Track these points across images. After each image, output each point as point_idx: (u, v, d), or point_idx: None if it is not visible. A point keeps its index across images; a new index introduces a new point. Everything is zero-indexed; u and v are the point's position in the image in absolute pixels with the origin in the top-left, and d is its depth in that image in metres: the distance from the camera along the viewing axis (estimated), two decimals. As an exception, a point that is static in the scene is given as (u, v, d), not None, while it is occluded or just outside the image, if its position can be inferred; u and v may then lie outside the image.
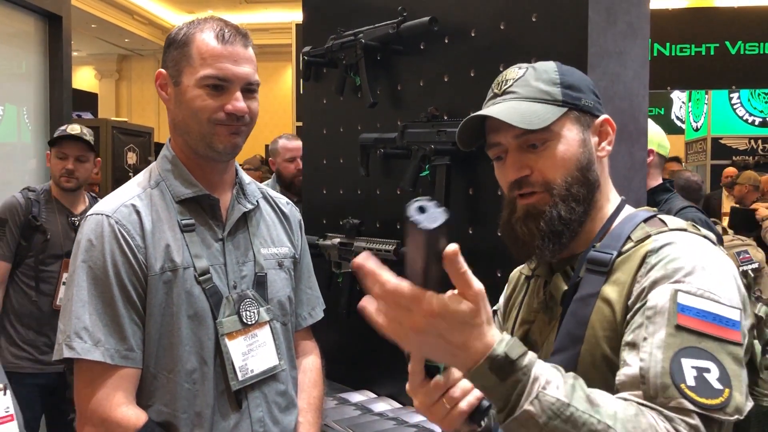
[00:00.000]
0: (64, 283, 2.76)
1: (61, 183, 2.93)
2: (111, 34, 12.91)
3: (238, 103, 1.32)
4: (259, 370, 1.39)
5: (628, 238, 1.01)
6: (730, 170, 7.21)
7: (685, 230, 0.99)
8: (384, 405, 2.16)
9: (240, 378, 1.35)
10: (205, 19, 1.38)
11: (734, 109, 9.53)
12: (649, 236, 0.99)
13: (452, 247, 0.75)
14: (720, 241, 2.85)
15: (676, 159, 7.36)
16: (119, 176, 7.60)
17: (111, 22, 12.12)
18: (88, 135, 2.99)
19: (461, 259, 0.77)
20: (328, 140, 2.46)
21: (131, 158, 8.82)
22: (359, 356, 2.30)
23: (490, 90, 1.11)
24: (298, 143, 3.56)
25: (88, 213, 1.35)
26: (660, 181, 2.77)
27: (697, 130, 9.96)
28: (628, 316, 0.93)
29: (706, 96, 9.41)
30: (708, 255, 0.94)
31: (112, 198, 1.37)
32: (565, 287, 1.06)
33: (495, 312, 1.23)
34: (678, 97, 10.73)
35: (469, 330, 0.77)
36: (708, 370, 0.83)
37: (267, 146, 12.40)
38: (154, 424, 1.28)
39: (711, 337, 0.85)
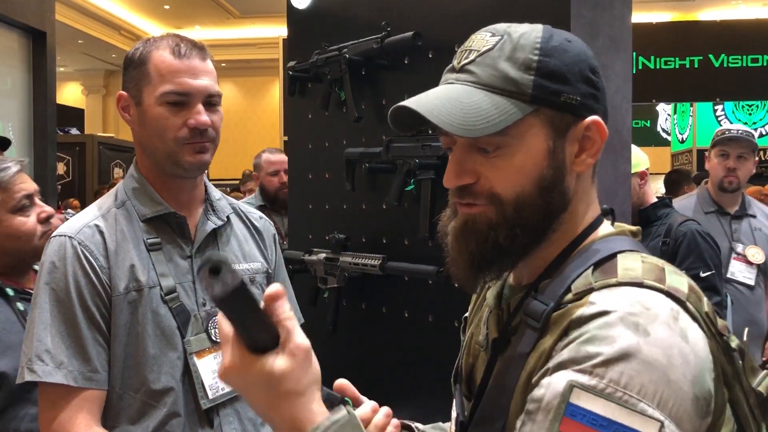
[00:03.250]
0: None
1: None
2: (98, 49, 12.89)
3: (201, 116, 1.31)
4: (230, 388, 1.37)
5: (569, 288, 0.78)
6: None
7: (640, 284, 0.74)
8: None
9: (210, 396, 1.33)
10: (160, 36, 1.39)
11: (719, 121, 9.63)
12: (590, 291, 0.75)
13: (274, 288, 0.68)
14: (718, 257, 2.83)
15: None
16: (104, 192, 7.58)
17: (98, 38, 12.10)
18: None
19: (283, 305, 0.68)
20: (313, 155, 2.45)
21: (117, 173, 8.80)
22: (346, 372, 2.27)
23: (453, 58, 0.88)
24: (281, 157, 3.53)
25: (52, 235, 1.34)
26: (654, 198, 2.83)
27: (682, 142, 10.05)
28: (528, 396, 0.73)
29: (691, 108, 9.51)
30: (651, 333, 0.68)
31: (76, 219, 1.36)
32: (495, 335, 0.87)
33: (466, 319, 1.10)
34: (663, 109, 10.82)
35: (272, 397, 0.69)
36: None
37: (255, 161, 12.42)
38: None
39: None
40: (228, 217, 1.48)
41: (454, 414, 0.94)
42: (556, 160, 0.81)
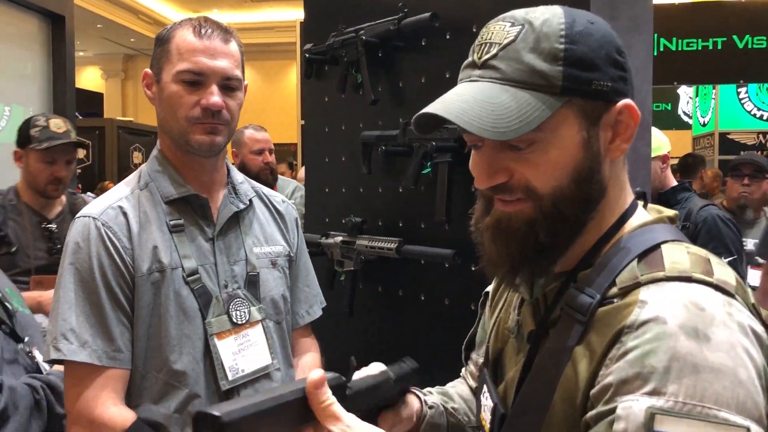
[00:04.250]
0: None
1: (48, 192, 2.52)
2: (117, 34, 12.94)
3: (213, 97, 1.31)
4: (251, 369, 1.38)
5: (614, 281, 0.76)
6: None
7: (689, 279, 0.72)
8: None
9: (230, 378, 1.35)
10: (191, 17, 1.39)
11: (742, 104, 9.47)
12: (637, 285, 0.73)
13: (315, 376, 0.71)
14: (739, 242, 2.75)
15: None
16: (125, 176, 7.64)
17: (116, 22, 12.15)
18: (73, 130, 2.61)
19: (325, 391, 0.72)
20: (329, 138, 2.44)
21: (137, 158, 8.86)
22: (361, 354, 2.28)
23: (470, 51, 0.83)
24: (266, 135, 3.39)
25: (76, 216, 1.36)
26: (674, 182, 2.80)
27: (704, 125, 9.90)
28: (588, 415, 0.71)
29: (714, 91, 9.35)
30: (712, 338, 0.67)
31: (100, 200, 1.38)
32: (532, 327, 0.86)
33: (486, 295, 1.10)
34: (685, 92, 10.66)
35: None
36: None
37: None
38: (142, 423, 1.27)
39: None
40: (250, 200, 1.49)
41: (487, 402, 0.92)
42: (591, 150, 0.78)
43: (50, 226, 2.49)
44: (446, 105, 0.78)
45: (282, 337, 1.48)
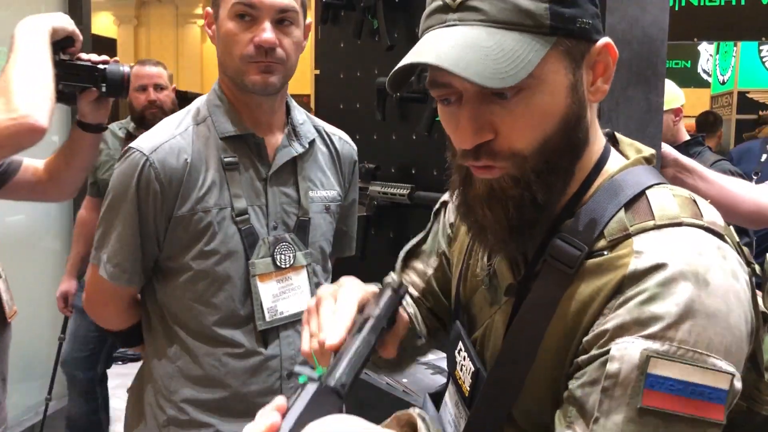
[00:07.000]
0: None
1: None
2: (130, -22, 12.78)
3: (264, 33, 1.27)
4: (290, 312, 1.40)
5: (602, 233, 0.73)
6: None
7: (680, 224, 0.70)
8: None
9: (267, 319, 1.37)
10: None
11: (763, 62, 9.30)
12: (627, 236, 0.71)
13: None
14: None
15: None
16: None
17: (130, -33, 11.98)
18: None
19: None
20: (345, 84, 2.46)
21: (151, 105, 8.86)
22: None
23: None
24: (151, 70, 2.97)
25: (129, 147, 1.33)
26: (687, 136, 2.80)
27: (723, 83, 9.75)
28: (580, 358, 0.70)
29: (735, 48, 9.19)
30: (710, 282, 0.66)
31: (154, 135, 1.34)
32: (511, 281, 0.82)
33: (444, 204, 1.05)
34: (705, 49, 10.47)
35: None
36: None
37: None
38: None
39: (683, 418, 0.64)
40: (311, 142, 1.45)
41: (465, 363, 0.87)
42: (578, 94, 0.73)
43: None
44: (437, 54, 0.68)
45: (327, 280, 1.50)
